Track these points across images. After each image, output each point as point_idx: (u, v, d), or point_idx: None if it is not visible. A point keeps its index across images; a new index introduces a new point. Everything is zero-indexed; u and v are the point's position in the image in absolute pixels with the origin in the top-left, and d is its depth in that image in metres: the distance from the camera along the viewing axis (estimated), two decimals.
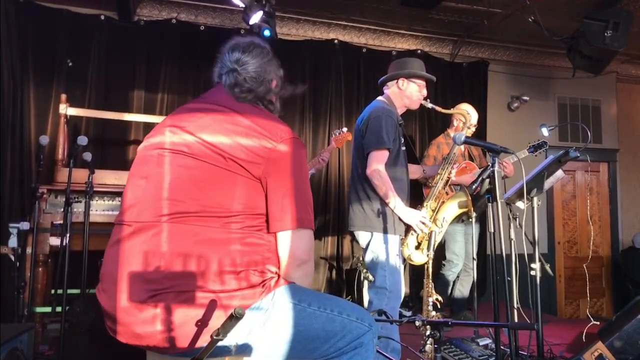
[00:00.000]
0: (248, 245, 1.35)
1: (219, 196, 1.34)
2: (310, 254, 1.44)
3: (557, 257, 6.13)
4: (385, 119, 2.71)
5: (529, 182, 2.69)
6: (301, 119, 5.01)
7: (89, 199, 2.94)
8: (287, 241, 1.39)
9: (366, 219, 2.73)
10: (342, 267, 4.96)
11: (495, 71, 5.91)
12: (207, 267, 1.29)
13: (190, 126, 1.43)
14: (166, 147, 1.43)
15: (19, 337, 2.33)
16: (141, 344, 1.31)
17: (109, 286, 1.35)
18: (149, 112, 4.51)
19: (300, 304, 1.38)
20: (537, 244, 2.74)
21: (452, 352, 3.03)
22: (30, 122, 4.25)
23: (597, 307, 6.28)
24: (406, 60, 2.99)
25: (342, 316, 1.42)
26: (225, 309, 1.26)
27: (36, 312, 3.20)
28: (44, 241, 3.24)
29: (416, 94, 2.89)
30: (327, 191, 5.03)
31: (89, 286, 2.84)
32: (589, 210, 6.31)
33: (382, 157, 2.69)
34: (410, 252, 2.82)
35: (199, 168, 1.37)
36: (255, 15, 3.99)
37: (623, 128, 6.47)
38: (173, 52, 4.68)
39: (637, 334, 2.66)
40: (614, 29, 4.32)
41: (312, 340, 1.38)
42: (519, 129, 5.66)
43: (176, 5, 4.82)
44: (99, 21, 4.50)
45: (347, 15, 5.18)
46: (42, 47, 4.32)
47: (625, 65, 6.42)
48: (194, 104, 1.57)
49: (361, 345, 1.42)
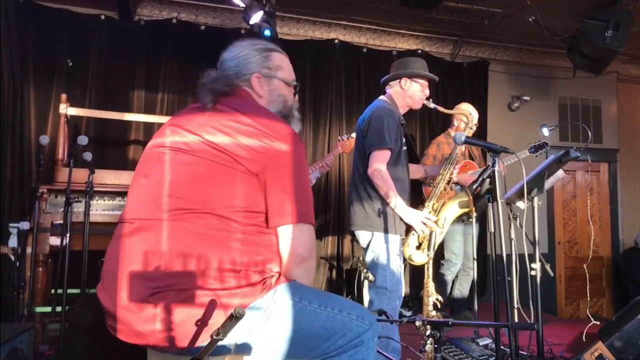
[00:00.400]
0: (249, 245, 1.34)
1: (219, 193, 1.34)
2: (311, 251, 1.43)
3: (557, 257, 6.12)
4: (387, 119, 2.71)
5: (530, 182, 2.69)
6: (301, 118, 4.98)
7: (89, 198, 2.94)
8: (288, 237, 1.38)
9: (367, 218, 2.73)
10: (342, 267, 4.96)
11: (495, 71, 5.91)
12: (207, 266, 1.29)
13: (189, 124, 1.44)
14: (166, 146, 1.44)
15: (19, 337, 2.33)
16: (142, 342, 1.31)
17: (110, 284, 1.35)
18: (149, 112, 4.52)
19: (301, 301, 1.37)
20: (538, 244, 2.73)
21: (452, 352, 3.03)
22: (30, 122, 4.25)
23: (597, 307, 6.28)
24: (409, 59, 2.97)
25: (343, 314, 1.42)
26: (225, 308, 1.26)
27: (36, 312, 3.20)
28: (44, 241, 3.24)
29: (419, 93, 2.89)
30: (327, 191, 5.03)
31: (89, 286, 2.84)
32: (589, 210, 6.31)
33: (384, 157, 2.68)
34: (412, 252, 2.82)
35: (198, 164, 1.37)
36: (255, 15, 3.99)
37: (623, 128, 6.47)
38: (173, 52, 4.69)
39: (637, 334, 2.66)
40: (614, 28, 4.32)
41: (312, 339, 1.38)
42: (519, 129, 5.66)
43: (176, 5, 4.82)
44: (99, 21, 4.50)
45: (347, 15, 5.18)
46: (42, 47, 4.32)
47: (626, 65, 6.42)
48: (194, 104, 1.58)
49: (362, 343, 1.42)
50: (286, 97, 1.65)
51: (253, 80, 1.59)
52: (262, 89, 1.60)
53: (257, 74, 1.60)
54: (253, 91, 1.60)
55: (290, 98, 1.67)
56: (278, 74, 1.63)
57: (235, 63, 1.60)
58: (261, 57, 1.62)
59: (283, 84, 1.64)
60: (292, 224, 1.38)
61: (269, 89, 1.61)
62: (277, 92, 1.62)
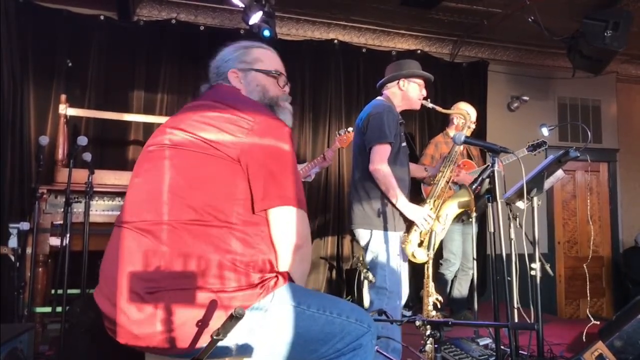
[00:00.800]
0: (249, 245, 1.34)
1: (204, 184, 1.34)
2: (304, 238, 1.41)
3: (557, 257, 6.13)
4: (386, 114, 2.72)
5: (529, 182, 2.69)
6: (301, 118, 5.01)
7: (88, 199, 2.94)
8: (279, 221, 1.37)
9: (365, 216, 2.73)
10: (342, 267, 4.96)
11: (495, 71, 5.91)
12: (207, 266, 1.28)
13: (181, 124, 1.46)
14: (157, 143, 1.46)
15: (19, 337, 2.34)
16: (140, 344, 1.30)
17: (108, 287, 1.35)
18: (149, 112, 4.52)
19: (299, 306, 1.37)
20: (537, 243, 2.73)
21: (452, 352, 3.03)
22: (30, 122, 4.25)
23: (597, 307, 6.28)
24: (403, 61, 3.01)
25: (342, 318, 1.41)
26: (226, 309, 1.26)
27: (36, 312, 3.20)
28: (44, 241, 3.24)
29: (417, 93, 2.90)
30: (327, 191, 5.03)
31: (89, 286, 2.83)
32: (589, 210, 6.31)
33: (385, 152, 2.69)
34: (414, 249, 2.81)
35: (182, 157, 1.38)
36: (255, 15, 3.99)
37: (623, 128, 6.47)
38: (173, 52, 4.69)
39: (637, 333, 2.66)
40: (613, 29, 4.32)
41: (311, 342, 1.38)
42: (519, 129, 5.66)
43: (176, 6, 4.82)
44: (98, 21, 4.50)
45: (346, 15, 5.18)
46: (42, 47, 4.32)
47: (625, 65, 6.42)
48: (187, 104, 1.62)
49: (360, 346, 1.41)
50: (266, 87, 1.63)
51: (230, 75, 1.62)
52: (239, 83, 1.62)
53: (233, 69, 1.62)
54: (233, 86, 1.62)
55: (272, 88, 1.65)
56: (255, 66, 1.64)
57: (216, 65, 1.66)
58: (238, 54, 1.65)
59: (261, 75, 1.64)
60: (278, 206, 1.36)
61: (246, 81, 1.62)
62: (255, 82, 1.63)
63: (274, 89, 1.65)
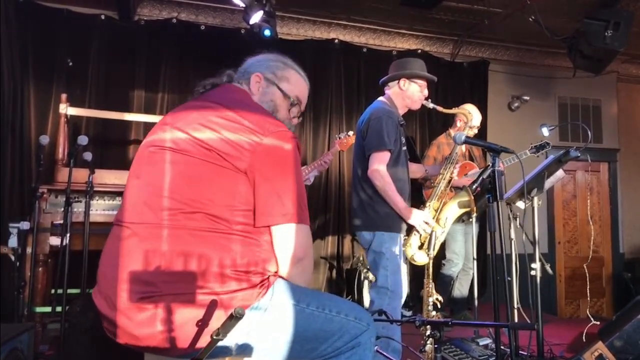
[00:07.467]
0: (248, 245, 1.34)
1: (211, 192, 1.33)
2: (306, 251, 1.41)
3: (557, 257, 6.12)
4: (385, 120, 2.71)
5: (530, 181, 2.69)
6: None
7: (89, 198, 2.94)
8: (281, 237, 1.36)
9: (368, 219, 2.73)
10: (343, 267, 4.96)
11: (495, 71, 5.90)
12: (207, 267, 1.28)
13: (179, 122, 1.43)
14: (157, 145, 1.43)
15: (19, 337, 2.33)
16: (140, 345, 1.30)
17: (107, 288, 1.34)
18: (149, 111, 4.51)
19: (299, 304, 1.37)
20: (537, 243, 2.74)
21: (452, 352, 3.03)
22: (30, 122, 4.25)
23: (597, 307, 6.27)
24: (407, 60, 2.97)
25: (341, 316, 1.41)
26: (226, 309, 1.26)
27: (36, 312, 3.19)
28: (44, 241, 3.23)
29: (417, 94, 2.89)
30: (327, 191, 5.03)
31: (89, 286, 2.84)
32: (590, 210, 6.30)
33: (383, 159, 2.69)
34: (414, 252, 2.82)
35: (188, 164, 1.36)
36: (255, 14, 3.99)
37: (623, 128, 6.46)
38: (173, 51, 4.68)
39: (637, 333, 2.66)
40: (614, 28, 4.32)
41: (310, 341, 1.38)
42: (519, 129, 5.67)
43: (176, 5, 4.82)
44: (99, 21, 4.50)
45: (347, 15, 5.18)
46: (42, 47, 4.32)
47: (626, 65, 6.42)
48: (187, 103, 1.57)
49: (359, 344, 1.41)
50: (277, 106, 1.59)
51: (253, 77, 1.59)
52: (256, 88, 1.59)
53: (259, 73, 1.59)
54: (248, 88, 1.59)
55: (282, 110, 1.61)
56: (280, 84, 1.60)
57: (250, 62, 1.64)
58: (273, 65, 1.62)
59: (280, 94, 1.60)
60: (282, 224, 1.35)
61: (264, 91, 1.59)
62: (270, 97, 1.59)
63: (283, 113, 1.61)
